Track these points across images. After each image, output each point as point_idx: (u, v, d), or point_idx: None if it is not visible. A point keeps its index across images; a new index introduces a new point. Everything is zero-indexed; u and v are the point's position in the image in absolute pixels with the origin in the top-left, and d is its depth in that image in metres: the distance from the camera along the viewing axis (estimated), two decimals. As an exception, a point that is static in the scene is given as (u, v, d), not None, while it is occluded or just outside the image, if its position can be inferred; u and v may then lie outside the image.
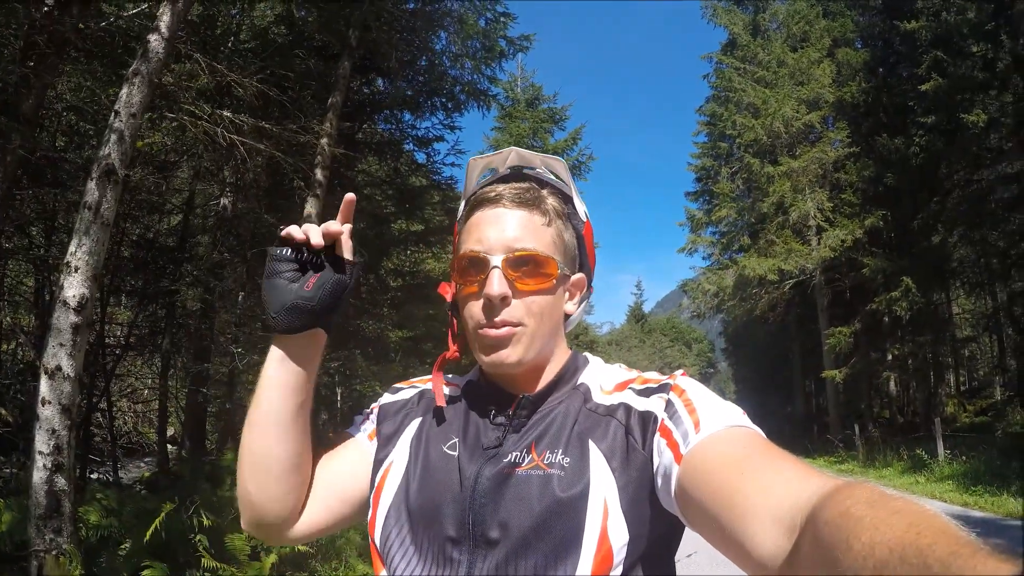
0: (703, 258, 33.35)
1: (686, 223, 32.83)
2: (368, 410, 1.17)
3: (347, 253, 1.01)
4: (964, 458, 14.23)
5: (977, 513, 10.22)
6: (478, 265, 0.98)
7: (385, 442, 1.08)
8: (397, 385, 1.21)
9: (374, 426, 1.12)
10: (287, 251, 0.98)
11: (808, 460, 22.20)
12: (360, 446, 1.11)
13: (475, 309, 0.99)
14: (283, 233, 0.98)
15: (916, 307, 20.86)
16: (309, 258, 0.99)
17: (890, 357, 24.37)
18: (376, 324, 13.53)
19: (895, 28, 21.86)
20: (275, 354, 1.00)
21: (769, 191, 25.27)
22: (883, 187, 22.68)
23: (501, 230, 0.99)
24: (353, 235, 1.04)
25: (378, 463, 1.06)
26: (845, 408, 27.35)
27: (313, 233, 0.97)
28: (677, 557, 0.98)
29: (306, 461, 1.04)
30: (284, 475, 1.01)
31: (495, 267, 0.96)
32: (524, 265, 0.98)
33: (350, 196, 1.02)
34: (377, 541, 0.98)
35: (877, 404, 29.52)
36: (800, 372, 33.74)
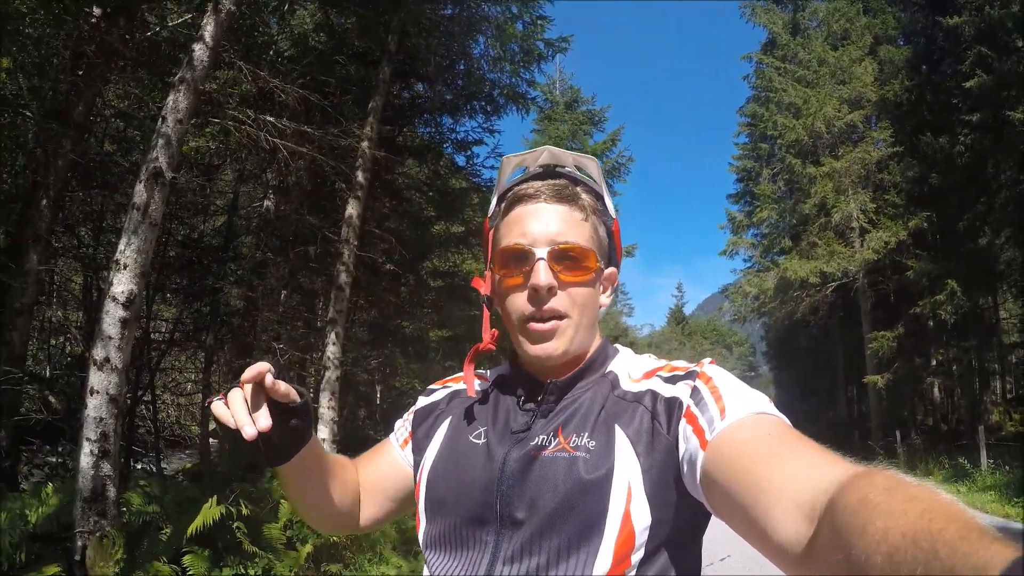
0: (744, 260, 32.98)
1: (727, 225, 32.42)
2: (407, 415, 1.24)
3: (282, 397, 0.98)
4: (1008, 468, 13.73)
5: (1018, 525, 9.82)
6: (523, 258, 1.02)
7: (420, 445, 1.15)
8: (431, 387, 1.27)
9: (408, 431, 1.21)
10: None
11: (848, 467, 21.83)
12: (395, 450, 1.22)
13: (519, 301, 1.03)
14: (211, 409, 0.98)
15: (962, 311, 20.21)
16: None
17: (934, 362, 23.74)
18: (416, 324, 13.72)
19: (937, 24, 21.24)
20: (282, 476, 1.07)
21: (811, 192, 24.79)
22: (928, 187, 22.04)
23: (544, 224, 1.03)
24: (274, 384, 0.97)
25: (416, 465, 1.14)
26: (887, 414, 26.67)
27: (222, 416, 0.95)
28: (711, 560, 1.04)
29: (351, 498, 1.19)
30: (337, 517, 1.19)
31: (541, 259, 1.00)
32: (567, 258, 1.01)
33: (259, 368, 0.96)
34: (421, 538, 1.05)
35: (920, 411, 28.77)
36: (842, 377, 33.00)
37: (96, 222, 9.26)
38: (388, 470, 1.21)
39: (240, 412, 0.93)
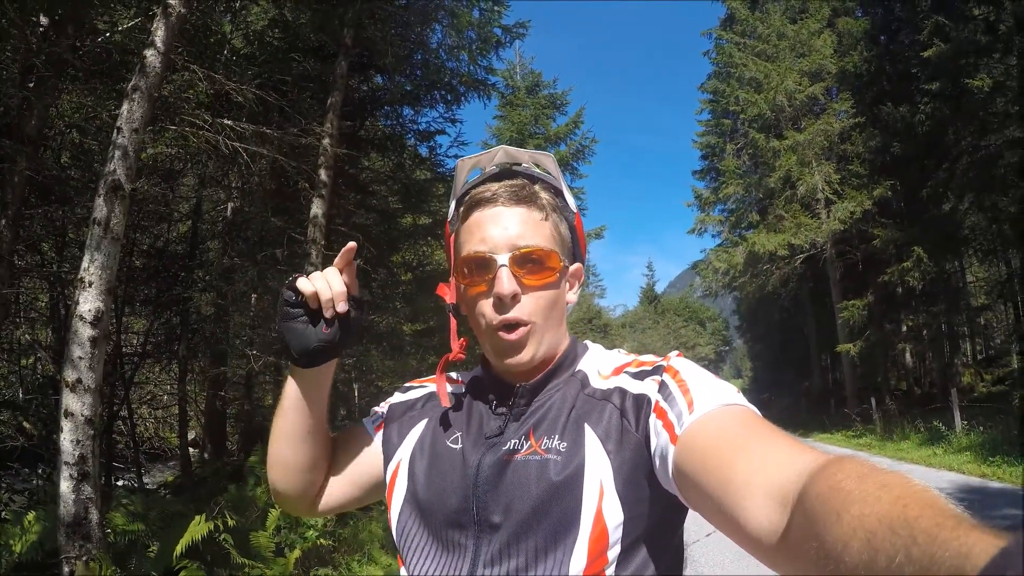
0: (713, 236, 33.32)
1: (694, 203, 32.67)
2: (382, 405, 1.24)
3: (355, 291, 1.07)
4: (982, 428, 14.00)
5: (996, 484, 10.11)
6: (485, 265, 1.01)
7: (390, 440, 1.14)
8: (407, 384, 1.26)
9: (383, 419, 1.20)
10: (298, 297, 1.04)
11: (826, 435, 22.18)
12: (368, 438, 1.20)
13: (486, 309, 1.01)
14: (293, 283, 1.04)
15: (929, 277, 20.66)
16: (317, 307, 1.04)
17: (905, 328, 24.17)
18: (389, 319, 13.65)
19: (895, -6, 21.61)
20: (293, 380, 1.11)
21: (775, 166, 25.07)
22: (890, 157, 22.38)
23: (503, 228, 1.01)
24: (356, 273, 1.09)
25: (387, 460, 1.13)
26: (861, 381, 27.18)
27: (320, 289, 1.02)
28: (696, 538, 1.03)
29: (323, 460, 1.18)
30: (305, 473, 1.16)
31: (503, 266, 0.99)
32: (529, 261, 1.00)
33: (351, 245, 1.04)
34: (396, 539, 1.04)
35: (894, 376, 29.33)
36: (815, 347, 33.56)
37: (59, 237, 9.05)
38: (360, 456, 1.20)
39: (338, 285, 1.03)
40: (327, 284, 1.03)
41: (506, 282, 0.98)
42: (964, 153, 19.35)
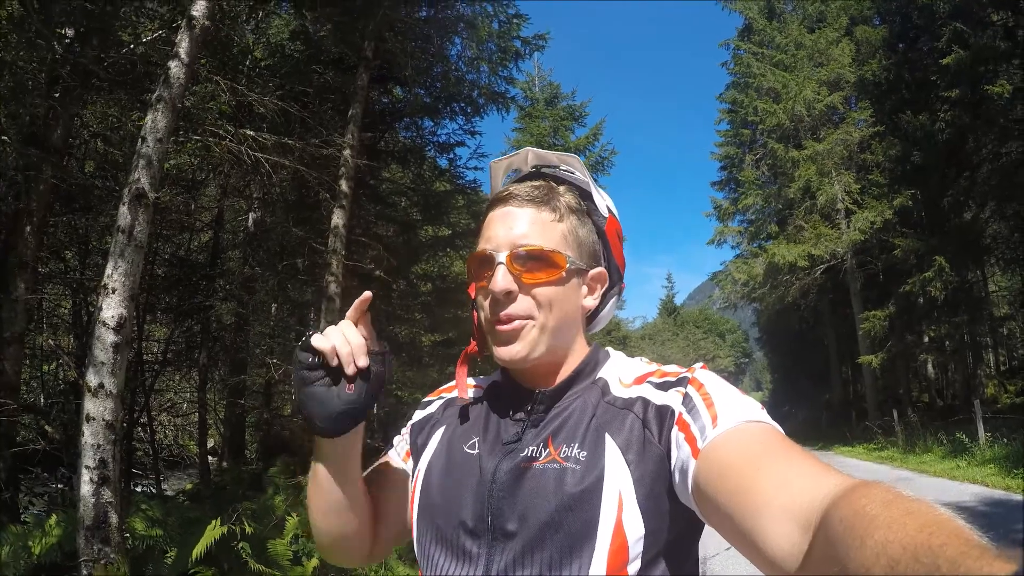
0: (732, 247, 33.09)
1: (713, 213, 32.56)
2: (404, 430, 1.22)
3: (376, 345, 1.01)
4: (1006, 440, 13.75)
5: (1019, 496, 9.84)
6: (486, 262, 1.02)
7: (416, 456, 1.14)
8: (425, 399, 1.25)
9: (408, 446, 1.18)
10: (315, 359, 0.97)
11: (847, 448, 21.87)
12: (402, 472, 1.17)
13: (485, 305, 1.03)
14: (307, 342, 0.97)
15: (951, 287, 20.37)
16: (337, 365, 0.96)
17: (927, 339, 23.85)
18: (409, 330, 13.70)
19: (912, 2, 21.41)
20: (322, 453, 1.04)
21: (795, 176, 24.90)
22: (910, 165, 22.17)
23: (508, 228, 1.02)
24: (373, 321, 1.05)
25: (411, 474, 1.13)
26: (883, 393, 26.79)
27: (338, 344, 0.96)
28: (715, 551, 1.02)
29: (367, 520, 1.12)
30: (350, 539, 1.12)
31: (500, 263, 1.00)
32: (530, 260, 1.00)
33: (366, 295, 1.02)
34: (415, 546, 1.03)
35: (915, 388, 28.94)
36: (836, 358, 33.22)
37: (82, 245, 9.19)
38: (398, 490, 1.15)
39: (356, 338, 0.97)
40: (344, 338, 0.96)
41: (500, 279, 0.99)
42: (985, 161, 19.18)
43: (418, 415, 1.22)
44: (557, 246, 1.02)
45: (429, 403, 1.23)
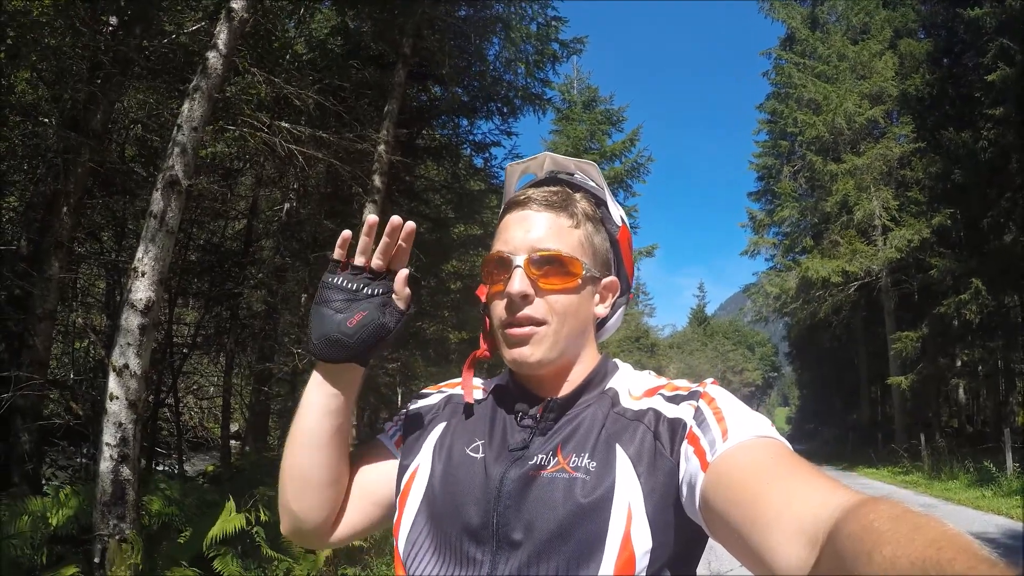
0: (765, 260, 32.76)
1: (748, 224, 32.26)
2: (398, 416, 1.20)
3: (401, 302, 1.03)
4: (1034, 472, 13.42)
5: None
6: (503, 265, 1.02)
7: (410, 448, 1.11)
8: (424, 391, 1.23)
9: (400, 432, 1.15)
10: (341, 280, 1.02)
11: (871, 470, 21.47)
12: (387, 452, 1.15)
13: (500, 308, 1.01)
14: (341, 240, 1.03)
15: (987, 310, 19.84)
16: (362, 288, 1.02)
17: (959, 363, 23.28)
18: (437, 327, 13.76)
19: (958, 16, 20.85)
20: (315, 378, 1.05)
21: (832, 190, 24.52)
22: (951, 184, 21.64)
23: (526, 231, 1.02)
24: (409, 278, 1.06)
25: (403, 468, 1.09)
26: (911, 416, 26.25)
27: (366, 242, 1.03)
28: (722, 570, 1.02)
29: (342, 476, 1.09)
30: (320, 489, 1.06)
31: (517, 266, 0.99)
32: (547, 265, 0.99)
33: (410, 225, 1.03)
34: (401, 545, 1.00)
35: (945, 412, 28.36)
36: (865, 378, 32.62)
37: (117, 228, 9.41)
38: (381, 474, 1.13)
39: (384, 248, 1.03)
40: (381, 251, 1.03)
41: (517, 282, 0.99)
42: (1028, 182, 18.70)
43: (415, 404, 1.19)
44: (574, 252, 1.02)
45: (428, 395, 1.21)
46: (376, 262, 1.03)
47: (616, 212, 1.13)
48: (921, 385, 22.91)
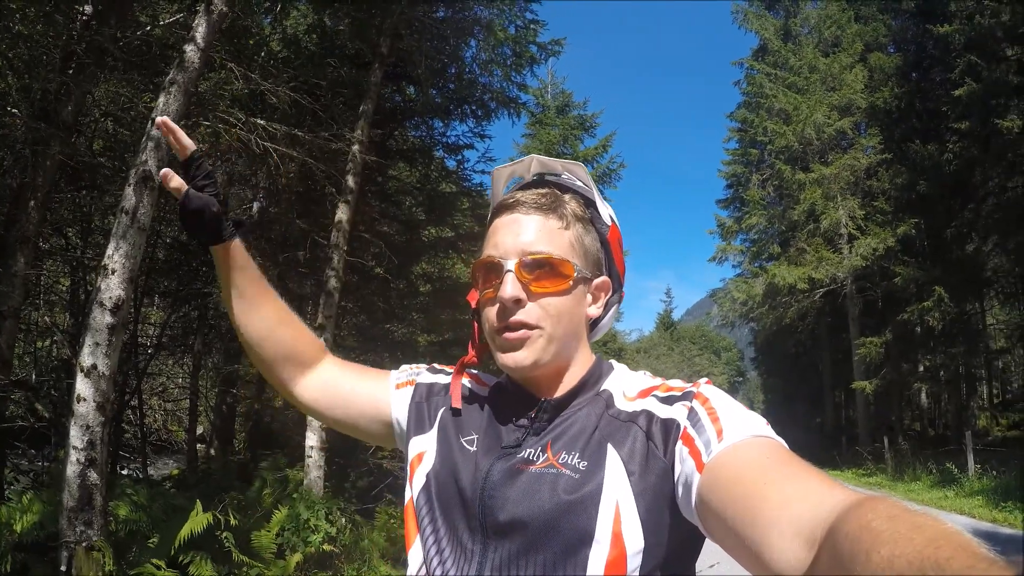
0: (733, 266, 33.15)
1: (716, 231, 32.57)
2: (415, 369, 1.27)
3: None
4: (995, 473, 13.84)
5: (1006, 530, 9.93)
6: (494, 269, 1.01)
7: (420, 420, 1.14)
8: (437, 366, 1.27)
9: (409, 380, 1.22)
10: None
11: (836, 472, 21.82)
12: (386, 385, 1.23)
13: (492, 313, 1.02)
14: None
15: (949, 317, 20.41)
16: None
17: (922, 368, 23.89)
18: (406, 329, 13.65)
19: (928, 32, 21.44)
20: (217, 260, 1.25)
21: (800, 198, 24.99)
22: (916, 194, 22.23)
23: (516, 235, 1.01)
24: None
25: (413, 435, 1.13)
26: (875, 420, 26.80)
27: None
28: (699, 568, 0.99)
29: (277, 331, 1.27)
30: (263, 336, 1.27)
31: (508, 271, 0.99)
32: (538, 268, 0.99)
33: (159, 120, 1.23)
34: (416, 515, 1.04)
35: (908, 416, 28.95)
36: (830, 383, 33.19)
37: (85, 223, 9.16)
38: (368, 386, 1.24)
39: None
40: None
41: (509, 287, 0.98)
42: (991, 194, 19.26)
43: (428, 378, 1.23)
44: (565, 254, 1.01)
45: (439, 372, 1.25)
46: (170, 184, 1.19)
47: (605, 211, 1.12)
48: (884, 389, 23.45)
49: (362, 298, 12.50)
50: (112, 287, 4.84)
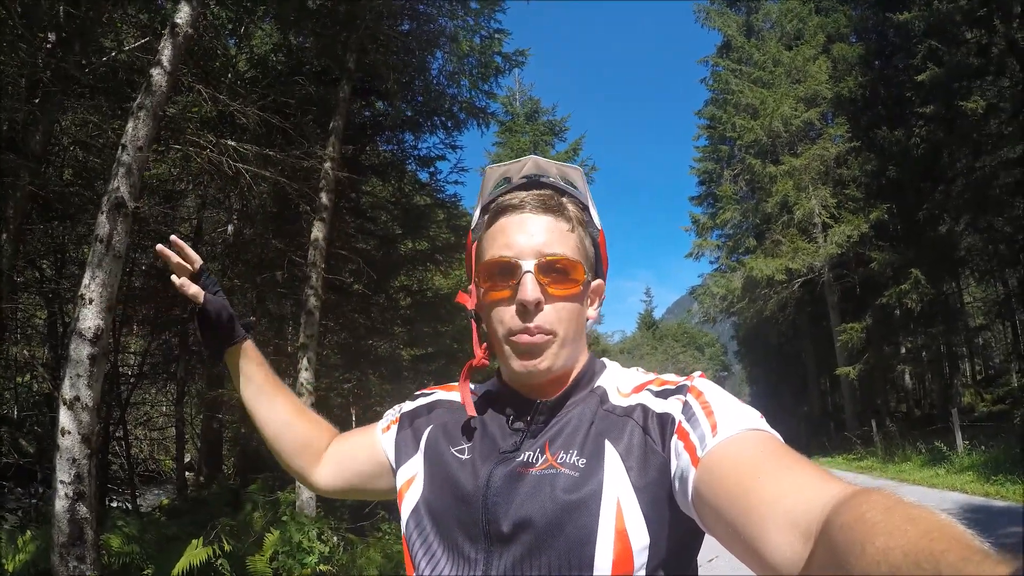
0: (710, 262, 33.44)
1: (691, 228, 32.84)
2: (396, 408, 1.25)
3: (192, 289, 1.30)
4: (984, 448, 13.99)
5: (999, 503, 10.01)
6: (509, 271, 0.98)
7: (405, 448, 1.12)
8: (418, 392, 1.25)
9: (390, 421, 1.21)
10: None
11: (827, 459, 22.00)
12: (374, 435, 1.22)
13: (506, 315, 0.99)
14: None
15: (927, 298, 20.70)
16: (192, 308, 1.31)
17: (904, 350, 24.20)
18: (388, 344, 13.58)
19: (888, 20, 21.77)
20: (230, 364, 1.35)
21: (772, 191, 25.28)
22: (886, 180, 22.60)
23: (530, 235, 0.99)
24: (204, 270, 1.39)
25: (398, 463, 1.12)
26: (861, 404, 27.06)
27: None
28: (699, 561, 0.99)
29: (290, 421, 1.32)
30: (280, 434, 1.32)
31: (528, 272, 0.96)
32: (554, 271, 0.98)
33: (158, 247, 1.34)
34: (406, 539, 1.02)
35: (893, 398, 29.32)
36: (814, 370, 33.49)
37: (58, 254, 9.03)
38: (361, 444, 1.25)
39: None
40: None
41: (531, 288, 0.96)
42: (959, 175, 19.57)
43: (409, 405, 1.22)
44: (576, 256, 1.01)
45: (420, 396, 1.24)
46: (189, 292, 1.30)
47: (596, 216, 1.12)
48: (868, 374, 23.72)
49: (343, 315, 12.42)
50: (90, 316, 4.77)
